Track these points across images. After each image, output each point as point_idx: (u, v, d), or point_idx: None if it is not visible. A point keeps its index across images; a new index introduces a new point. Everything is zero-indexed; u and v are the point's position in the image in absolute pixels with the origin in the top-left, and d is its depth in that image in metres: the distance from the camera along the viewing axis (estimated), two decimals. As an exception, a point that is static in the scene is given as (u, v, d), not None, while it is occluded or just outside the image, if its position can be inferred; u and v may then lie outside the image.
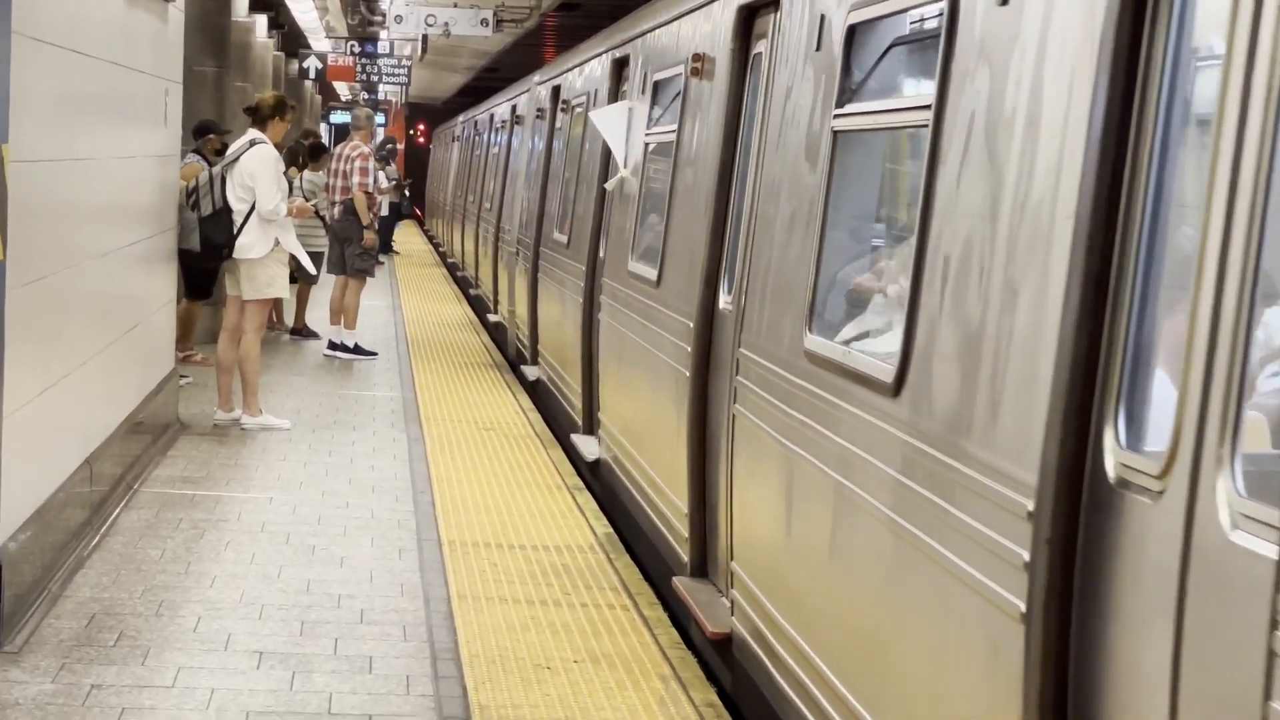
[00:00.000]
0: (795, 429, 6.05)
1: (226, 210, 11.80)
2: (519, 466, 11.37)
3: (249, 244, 11.89)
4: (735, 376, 7.07)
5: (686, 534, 8.00)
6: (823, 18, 6.36)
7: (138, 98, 10.12)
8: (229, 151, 12.27)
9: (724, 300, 7.78)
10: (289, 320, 18.39)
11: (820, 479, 5.69)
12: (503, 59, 36.58)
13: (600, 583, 8.36)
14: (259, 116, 12.25)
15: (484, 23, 24.99)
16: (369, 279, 17.22)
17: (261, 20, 22.88)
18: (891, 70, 5.96)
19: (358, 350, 16.74)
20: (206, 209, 11.77)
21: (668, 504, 8.51)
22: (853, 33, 5.95)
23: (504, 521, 9.61)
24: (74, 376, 8.26)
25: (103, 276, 9.06)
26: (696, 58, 8.68)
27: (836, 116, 5.99)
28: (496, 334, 19.39)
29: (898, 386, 4.93)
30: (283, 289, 12.55)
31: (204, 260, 12.18)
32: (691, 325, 7.99)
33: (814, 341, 5.91)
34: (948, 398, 4.59)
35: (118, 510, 9.28)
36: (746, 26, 7.86)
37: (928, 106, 4.93)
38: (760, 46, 7.60)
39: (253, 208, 11.83)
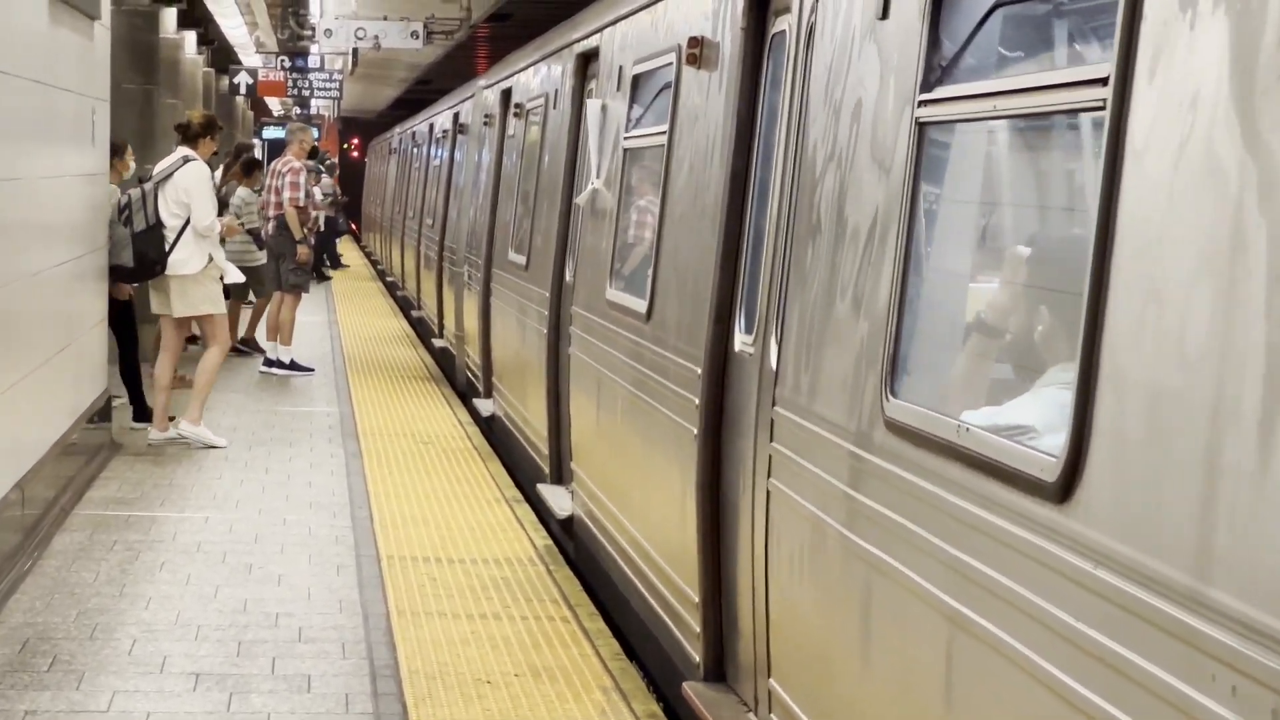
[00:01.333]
0: (874, 524, 4.56)
1: (159, 226, 11.78)
2: (457, 480, 11.31)
3: (183, 260, 11.86)
4: (770, 442, 5.62)
5: (698, 629, 6.54)
6: None
7: (64, 116, 10.03)
8: (160, 168, 12.23)
9: (741, 340, 6.32)
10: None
11: (920, 598, 4.20)
12: (435, 70, 36.52)
13: (540, 595, 8.32)
14: (189, 134, 12.30)
15: (414, 35, 24.92)
16: (303, 295, 17.17)
17: (190, 36, 22.74)
18: (1008, 36, 4.47)
19: (294, 366, 16.66)
20: (139, 224, 11.74)
21: (671, 588, 7.06)
22: None
23: (443, 535, 9.56)
24: (3, 398, 8.16)
25: (32, 297, 8.97)
26: (693, 43, 7.20)
27: (922, 104, 4.55)
28: (442, 360, 18.43)
29: (1067, 487, 3.40)
30: (220, 305, 12.49)
31: (137, 276, 12.07)
32: (699, 372, 6.55)
33: (900, 409, 4.43)
34: (1180, 516, 3.01)
35: (51, 533, 9.18)
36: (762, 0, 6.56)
37: (1102, 80, 3.48)
38: (783, 23, 6.21)
39: (186, 224, 11.80)
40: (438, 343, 19.11)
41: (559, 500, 9.86)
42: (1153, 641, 3.04)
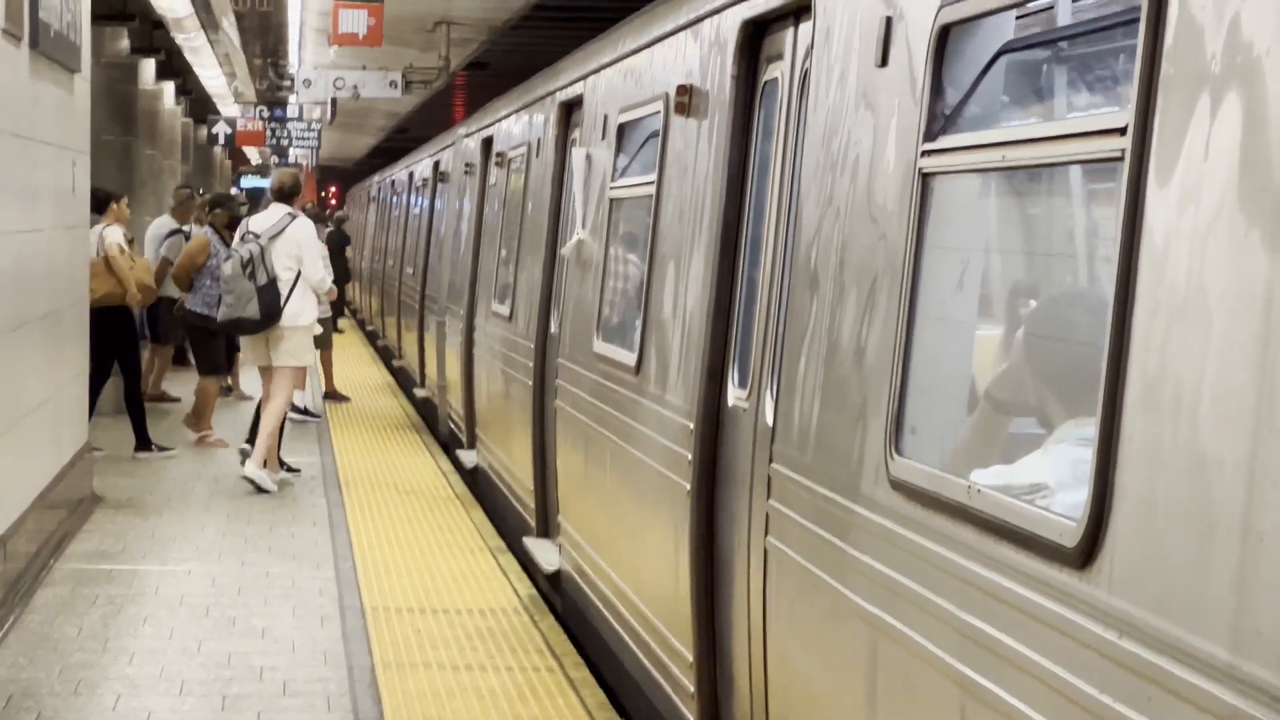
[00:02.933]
0: (879, 586, 4.43)
1: (276, 280, 12.30)
2: (440, 529, 11.29)
3: (297, 312, 12.44)
4: (767, 499, 5.47)
5: (692, 689, 6.36)
6: (888, 21, 4.77)
7: (44, 169, 10.03)
8: (269, 224, 12.54)
9: (735, 395, 6.16)
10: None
11: (929, 663, 4.06)
12: (413, 119, 36.63)
13: (525, 645, 8.29)
14: (284, 194, 12.96)
15: (393, 84, 24.99)
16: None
17: (169, 87, 22.81)
18: (1015, 84, 4.37)
19: (305, 412, 17.00)
20: (262, 279, 12.24)
21: (664, 646, 6.89)
22: (945, 37, 4.38)
23: (427, 586, 9.53)
24: (-15, 454, 8.14)
25: (13, 351, 8.95)
26: (681, 90, 7.07)
27: (926, 154, 4.41)
28: (424, 410, 18.28)
29: (1088, 552, 3.27)
30: (311, 356, 13.09)
31: (259, 328, 12.36)
32: (691, 427, 6.40)
33: (905, 467, 4.30)
34: (1216, 585, 2.88)
35: (33, 588, 9.14)
36: (753, 46, 6.34)
37: (1119, 130, 3.35)
38: (775, 70, 6.08)
39: (298, 277, 12.35)
40: (419, 392, 18.94)
41: (546, 554, 9.63)
42: (1186, 718, 2.92)
